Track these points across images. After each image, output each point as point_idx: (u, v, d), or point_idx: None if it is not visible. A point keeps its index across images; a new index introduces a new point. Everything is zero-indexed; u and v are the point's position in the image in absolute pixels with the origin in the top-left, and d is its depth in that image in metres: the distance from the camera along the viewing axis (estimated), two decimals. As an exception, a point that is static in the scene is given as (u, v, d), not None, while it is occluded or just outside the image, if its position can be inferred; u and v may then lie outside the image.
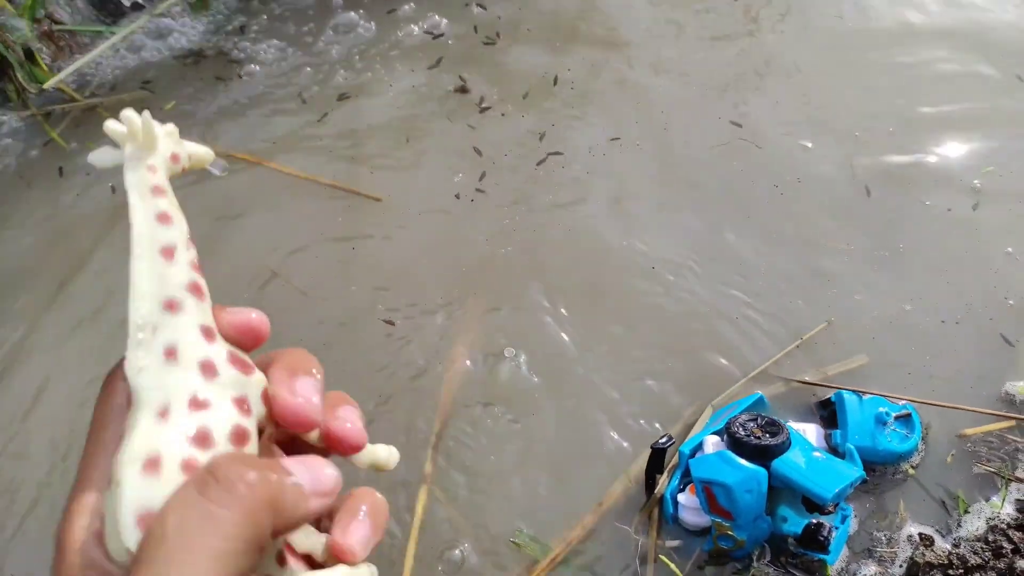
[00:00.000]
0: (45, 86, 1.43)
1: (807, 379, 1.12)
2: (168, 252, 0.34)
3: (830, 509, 0.95)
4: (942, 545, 0.97)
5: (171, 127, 0.36)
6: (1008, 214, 1.31)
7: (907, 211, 1.32)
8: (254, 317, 0.37)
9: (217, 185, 1.37)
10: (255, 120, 1.48)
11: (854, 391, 1.06)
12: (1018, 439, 1.06)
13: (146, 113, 0.34)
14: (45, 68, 1.45)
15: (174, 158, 0.36)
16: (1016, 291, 1.21)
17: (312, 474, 0.34)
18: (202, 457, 0.31)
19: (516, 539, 1.00)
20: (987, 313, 1.19)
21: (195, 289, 0.34)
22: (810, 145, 1.42)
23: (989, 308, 1.20)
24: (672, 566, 0.96)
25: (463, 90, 1.47)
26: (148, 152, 0.34)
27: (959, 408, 1.08)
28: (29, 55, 1.44)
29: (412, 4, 1.63)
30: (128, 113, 0.34)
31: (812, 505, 0.95)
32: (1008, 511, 1.00)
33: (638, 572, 0.97)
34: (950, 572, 0.93)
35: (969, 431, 1.06)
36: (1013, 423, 1.07)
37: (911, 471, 1.04)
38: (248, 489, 0.30)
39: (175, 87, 1.50)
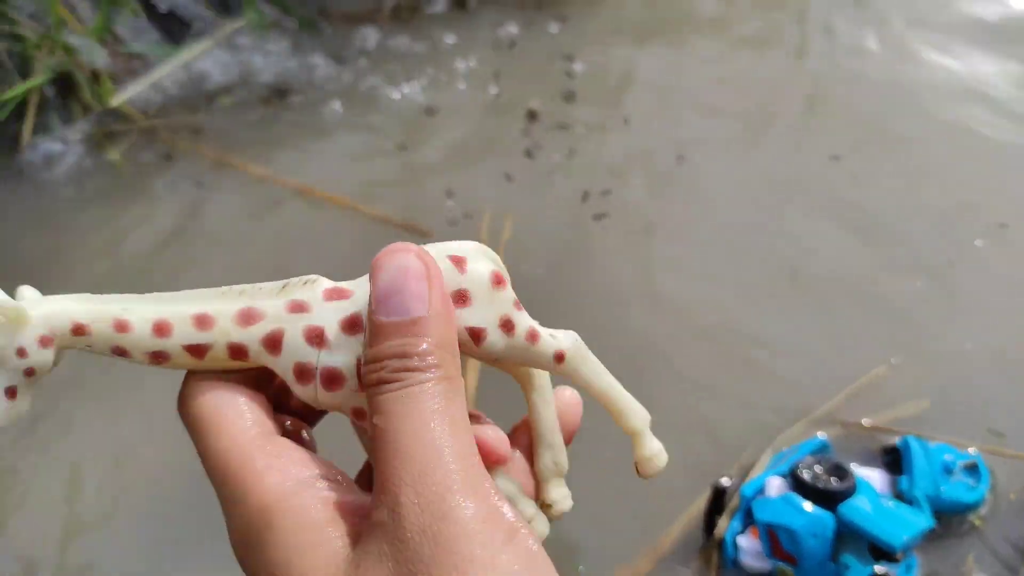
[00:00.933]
0: (110, 105, 1.45)
1: (866, 422, 1.10)
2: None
3: (898, 557, 0.93)
4: (1012, 601, 0.94)
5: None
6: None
7: (971, 248, 1.31)
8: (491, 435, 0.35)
9: (271, 217, 1.38)
10: (312, 147, 1.50)
11: (919, 437, 1.04)
12: (1088, 494, 1.03)
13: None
14: (110, 87, 1.48)
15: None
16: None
17: None
18: None
19: (572, 576, 0.98)
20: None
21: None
22: (854, 173, 1.41)
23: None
24: (732, 610, 0.94)
25: (532, 116, 1.48)
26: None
27: (1028, 459, 1.05)
28: (94, 74, 1.47)
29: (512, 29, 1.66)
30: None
31: (879, 553, 0.93)
32: (1081, 569, 0.97)
33: (696, 615, 0.95)
34: (1023, 630, 0.90)
35: (1039, 484, 1.04)
36: (1084, 477, 1.05)
37: (978, 522, 1.01)
38: None
39: (237, 110, 1.52)
